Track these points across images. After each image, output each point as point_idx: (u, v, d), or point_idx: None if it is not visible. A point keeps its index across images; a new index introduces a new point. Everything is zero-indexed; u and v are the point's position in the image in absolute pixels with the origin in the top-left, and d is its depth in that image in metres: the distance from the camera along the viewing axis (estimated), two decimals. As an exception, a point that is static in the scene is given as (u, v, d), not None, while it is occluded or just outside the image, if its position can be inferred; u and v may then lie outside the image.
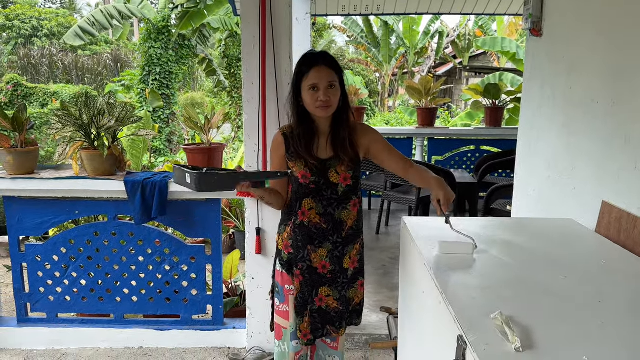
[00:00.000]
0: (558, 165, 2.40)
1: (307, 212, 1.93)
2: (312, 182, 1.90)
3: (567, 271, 1.44)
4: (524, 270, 1.46)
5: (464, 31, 16.09)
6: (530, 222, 2.14)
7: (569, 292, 1.30)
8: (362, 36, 15.48)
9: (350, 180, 1.93)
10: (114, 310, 2.98)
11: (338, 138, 1.91)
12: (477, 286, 1.34)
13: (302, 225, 1.94)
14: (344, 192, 1.93)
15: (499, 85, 5.93)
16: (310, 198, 1.92)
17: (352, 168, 1.92)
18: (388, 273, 4.12)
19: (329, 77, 1.84)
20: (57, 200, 2.86)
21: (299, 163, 1.90)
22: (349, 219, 1.97)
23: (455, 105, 16.58)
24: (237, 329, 2.95)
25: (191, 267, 2.91)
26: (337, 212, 1.94)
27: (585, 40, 2.23)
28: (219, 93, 13.07)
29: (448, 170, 4.91)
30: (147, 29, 10.79)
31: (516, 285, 1.35)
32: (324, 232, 1.94)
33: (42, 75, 20.39)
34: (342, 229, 1.96)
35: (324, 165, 1.91)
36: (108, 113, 2.77)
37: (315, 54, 1.90)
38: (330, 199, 1.92)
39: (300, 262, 1.95)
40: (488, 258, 1.55)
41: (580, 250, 1.67)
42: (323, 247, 1.95)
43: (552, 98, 2.50)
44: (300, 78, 1.85)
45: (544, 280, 1.38)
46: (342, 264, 2.00)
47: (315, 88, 1.82)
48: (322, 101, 1.83)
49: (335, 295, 2.00)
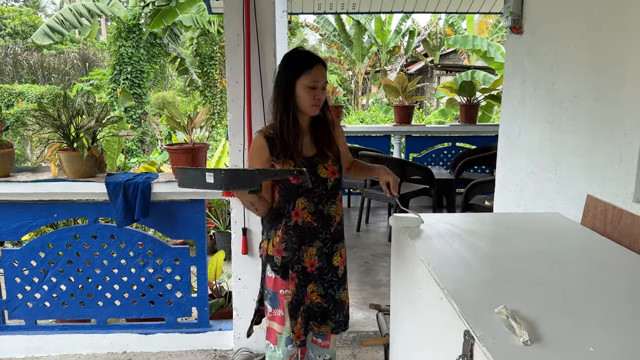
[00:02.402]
0: (541, 160, 2.45)
1: (301, 212, 1.91)
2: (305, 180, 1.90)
3: (561, 264, 1.47)
4: (519, 264, 1.48)
5: (435, 30, 16.28)
6: (515, 216, 2.17)
7: (567, 285, 1.32)
8: (335, 35, 15.52)
9: (337, 174, 1.95)
10: (96, 315, 2.91)
11: (322, 134, 1.95)
12: (477, 281, 1.35)
13: (296, 226, 1.91)
14: (333, 187, 1.94)
15: (473, 83, 6.02)
16: (303, 197, 1.90)
17: (336, 162, 1.95)
18: (371, 270, 4.14)
19: (325, 78, 1.89)
20: (34, 203, 2.78)
21: (287, 164, 1.87)
22: (337, 214, 1.98)
23: (428, 102, 16.76)
24: (223, 330, 2.92)
25: (175, 269, 2.86)
26: (326, 208, 1.95)
27: (566, 36, 2.27)
28: (191, 92, 12.92)
29: (426, 167, 4.96)
30: (118, 28, 10.58)
31: (514, 280, 1.36)
32: (314, 230, 1.93)
33: (6, 75, 19.78)
34: (330, 225, 1.96)
35: (312, 162, 1.91)
36: (87, 113, 2.70)
37: (312, 53, 1.93)
38: (320, 196, 1.92)
39: (296, 265, 1.93)
40: (481, 253, 1.57)
41: (570, 244, 1.70)
42: (313, 245, 1.94)
43: (533, 94, 2.55)
44: (298, 75, 1.83)
45: (539, 273, 1.40)
46: (332, 262, 2.00)
47: (314, 87, 1.84)
48: (319, 99, 1.86)
49: (319, 291, 1.99)
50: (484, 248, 1.62)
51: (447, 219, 1.95)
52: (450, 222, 1.86)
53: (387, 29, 15.28)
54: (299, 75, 1.83)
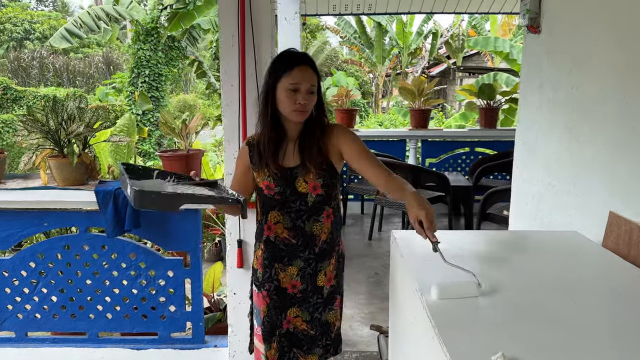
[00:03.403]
0: (560, 171, 2.24)
1: (274, 227, 1.77)
2: (277, 192, 1.74)
3: (577, 296, 1.27)
4: (528, 295, 1.28)
5: (457, 31, 15.96)
6: (529, 235, 1.97)
7: (583, 323, 1.13)
8: (355, 37, 15.34)
9: (320, 189, 1.75)
10: (87, 328, 2.79)
11: (306, 144, 1.75)
12: (475, 318, 1.17)
13: (268, 241, 1.79)
14: (315, 203, 1.76)
15: (493, 86, 5.78)
16: (276, 210, 1.77)
17: (321, 176, 1.74)
18: (380, 282, 3.95)
19: (311, 79, 1.69)
20: (24, 211, 2.67)
21: (262, 173, 1.75)
22: (322, 233, 1.79)
23: (449, 106, 16.45)
24: (218, 347, 2.77)
25: (169, 282, 2.73)
26: (307, 225, 1.77)
27: (589, 34, 2.06)
28: (210, 95, 12.89)
29: (442, 174, 4.76)
30: (136, 31, 10.59)
31: (520, 316, 1.17)
32: (293, 248, 1.77)
33: (32, 79, 20.16)
34: (314, 244, 1.79)
35: (291, 174, 1.74)
36: (78, 118, 2.59)
37: (297, 53, 1.75)
38: (299, 211, 1.76)
39: (267, 283, 1.80)
40: (486, 282, 1.37)
41: (589, 270, 1.50)
42: (293, 264, 1.79)
43: (552, 98, 2.34)
44: (278, 77, 1.68)
45: (551, 308, 1.21)
46: (316, 282, 1.83)
47: (296, 90, 1.66)
48: (301, 104, 1.67)
49: (304, 317, 1.83)
50: (490, 275, 1.42)
51: (455, 237, 1.77)
52: (457, 242, 1.67)
53: (408, 31, 15.03)
54: (279, 77, 1.68)
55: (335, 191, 1.80)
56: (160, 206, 1.53)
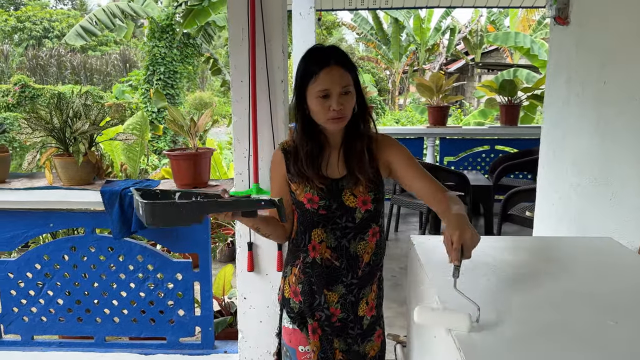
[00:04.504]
0: (590, 170, 2.09)
1: (318, 246, 1.56)
2: (322, 207, 1.54)
3: (614, 313, 1.14)
4: (561, 312, 1.15)
5: (476, 27, 15.71)
6: (558, 242, 1.82)
7: (624, 346, 1.00)
8: (372, 33, 15.18)
9: (370, 205, 1.55)
10: (94, 332, 2.72)
11: (353, 152, 1.55)
12: (504, 336, 1.04)
13: (315, 264, 1.56)
14: (363, 220, 1.56)
15: (514, 82, 5.60)
16: (320, 228, 1.56)
17: (372, 189, 1.55)
18: (398, 285, 3.83)
19: (342, 80, 1.47)
20: (29, 212, 2.60)
21: (303, 185, 1.55)
22: (365, 253, 1.58)
23: (467, 102, 16.20)
24: (228, 353, 2.67)
25: (177, 285, 2.64)
26: (352, 245, 1.56)
27: (621, 26, 1.92)
28: (226, 92, 12.84)
29: (461, 173, 4.60)
30: (151, 28, 10.57)
31: (554, 336, 1.05)
32: (335, 271, 1.56)
33: (50, 76, 20.36)
34: (357, 267, 1.57)
35: (337, 186, 1.54)
36: (84, 115, 2.51)
37: (324, 49, 1.52)
38: (345, 228, 1.55)
39: (317, 312, 1.57)
40: (515, 295, 1.25)
41: (627, 282, 1.36)
42: (334, 290, 1.58)
43: (581, 94, 2.19)
44: (307, 82, 1.48)
45: (584, 327, 1.08)
46: (357, 311, 1.60)
47: (327, 95, 1.46)
48: (335, 111, 1.46)
49: (341, 347, 1.61)
50: (515, 288, 1.29)
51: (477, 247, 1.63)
52: (480, 248, 1.55)
53: (426, 27, 14.82)
54: (307, 83, 1.48)
55: (383, 207, 1.62)
56: (179, 219, 1.32)
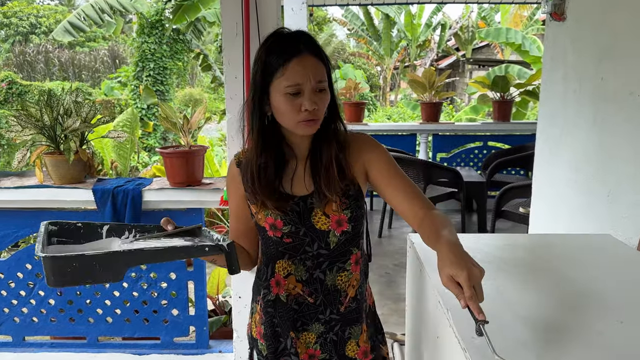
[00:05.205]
0: (587, 167, 2.08)
1: (284, 282, 1.29)
2: (287, 234, 1.26)
3: (622, 313, 1.13)
4: (566, 312, 1.14)
5: (467, 23, 15.74)
6: (555, 239, 1.81)
7: (635, 346, 0.98)
8: (363, 29, 15.15)
9: (347, 225, 1.26)
10: (86, 333, 2.68)
11: (319, 162, 1.26)
12: (512, 336, 1.03)
13: (278, 302, 1.30)
14: (339, 244, 1.28)
15: (507, 78, 5.60)
16: (286, 259, 1.29)
17: (348, 206, 1.26)
18: (392, 282, 3.82)
19: (317, 73, 1.18)
20: (20, 211, 2.56)
21: (263, 207, 1.27)
22: (349, 287, 1.31)
23: (459, 99, 16.24)
24: (223, 352, 2.65)
25: (171, 284, 2.60)
26: (329, 277, 1.29)
27: (617, 21, 1.91)
28: (216, 88, 12.76)
29: (454, 169, 4.60)
30: (140, 24, 10.47)
31: (562, 335, 1.03)
32: (309, 308, 1.30)
33: (38, 73, 20.14)
34: (338, 302, 1.31)
35: (305, 205, 1.26)
36: (75, 113, 2.46)
37: (292, 35, 1.20)
38: (317, 257, 1.28)
39: (283, 357, 1.31)
40: (516, 295, 1.23)
41: (629, 279, 1.35)
42: (309, 329, 1.31)
43: (578, 91, 2.18)
44: (270, 75, 1.18)
45: (594, 326, 1.07)
46: (344, 351, 1.34)
47: (297, 93, 1.16)
48: (309, 112, 1.17)
49: None
50: (515, 286, 1.28)
51: (473, 241, 1.62)
52: (475, 247, 1.53)
53: (417, 23, 14.82)
54: (270, 77, 1.18)
55: (363, 225, 1.33)
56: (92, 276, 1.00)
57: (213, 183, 2.52)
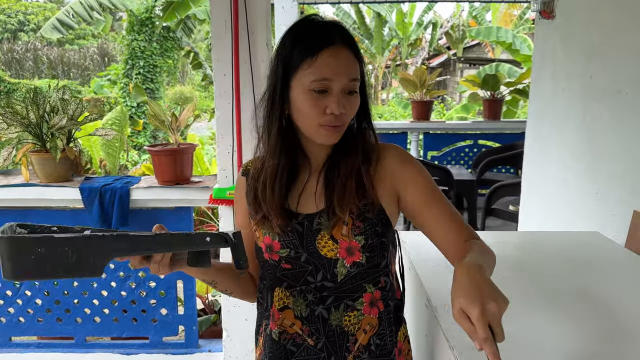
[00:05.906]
0: (576, 165, 2.09)
1: (278, 315, 1.07)
2: (286, 258, 1.06)
3: (608, 309, 1.13)
4: (556, 309, 1.14)
5: (458, 22, 15.77)
6: (544, 236, 1.81)
7: (625, 344, 0.98)
8: (354, 27, 15.12)
9: (360, 255, 1.02)
10: (74, 333, 2.65)
11: (335, 175, 1.05)
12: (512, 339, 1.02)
13: (270, 341, 1.08)
14: (349, 278, 1.04)
15: (497, 76, 5.62)
16: (283, 288, 1.07)
17: (363, 230, 1.02)
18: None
19: (350, 70, 0.98)
20: (6, 210, 2.52)
21: (261, 224, 1.08)
22: (358, 330, 1.05)
23: (450, 97, 16.29)
24: (213, 352, 2.63)
25: (160, 284, 2.58)
26: (333, 316, 1.05)
27: (606, 20, 1.91)
28: (207, 86, 12.71)
29: (445, 167, 4.61)
30: (130, 21, 10.39)
31: (553, 333, 1.03)
32: (309, 352, 1.06)
33: (26, 71, 19.93)
34: (345, 348, 1.05)
35: (310, 225, 1.04)
36: (62, 110, 2.43)
37: (326, 23, 1.01)
38: (321, 290, 1.05)
39: None
40: (505, 290, 1.22)
41: (618, 276, 1.35)
42: None
43: (567, 89, 2.19)
44: (294, 67, 0.98)
45: (591, 324, 1.07)
46: None
47: (324, 90, 0.96)
48: (334, 116, 0.97)
49: None
50: (504, 283, 1.28)
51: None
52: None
53: (408, 21, 14.83)
54: (294, 69, 0.98)
55: (386, 259, 1.07)
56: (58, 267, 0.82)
57: (202, 181, 2.50)
